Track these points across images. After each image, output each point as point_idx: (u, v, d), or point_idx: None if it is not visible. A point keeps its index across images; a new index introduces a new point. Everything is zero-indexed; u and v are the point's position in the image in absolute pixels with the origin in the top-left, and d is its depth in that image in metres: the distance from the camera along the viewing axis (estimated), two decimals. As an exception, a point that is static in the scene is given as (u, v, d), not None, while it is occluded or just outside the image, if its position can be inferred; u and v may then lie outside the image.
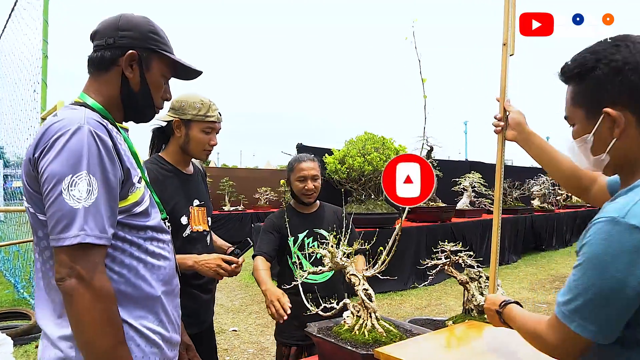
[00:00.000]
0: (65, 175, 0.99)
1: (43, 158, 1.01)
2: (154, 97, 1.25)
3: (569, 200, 11.77)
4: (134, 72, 1.20)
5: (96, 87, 1.20)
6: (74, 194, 0.98)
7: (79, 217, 0.98)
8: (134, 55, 1.18)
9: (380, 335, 1.55)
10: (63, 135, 1.01)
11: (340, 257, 1.76)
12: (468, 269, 2.05)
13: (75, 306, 0.98)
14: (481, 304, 1.92)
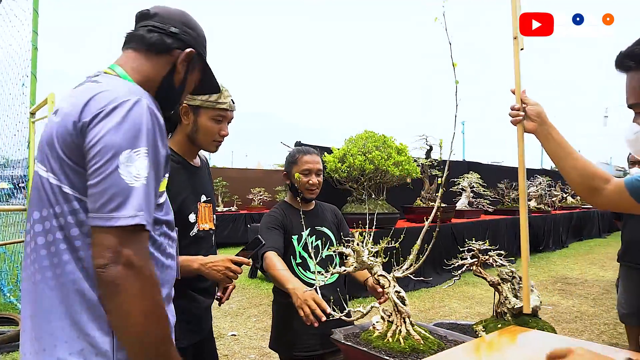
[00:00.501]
0: (123, 149, 0.90)
1: (97, 125, 0.91)
2: (183, 98, 1.25)
3: (564, 201, 11.76)
4: (182, 70, 1.17)
5: (137, 65, 1.11)
6: (130, 170, 0.89)
7: (136, 196, 0.89)
8: (193, 54, 1.16)
9: (417, 342, 1.40)
10: (122, 105, 0.92)
11: (367, 256, 1.61)
12: (499, 269, 1.90)
13: (123, 296, 0.86)
14: (516, 306, 1.78)
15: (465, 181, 8.18)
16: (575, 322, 4.57)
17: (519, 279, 1.85)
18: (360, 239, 1.62)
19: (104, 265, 0.86)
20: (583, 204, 12.34)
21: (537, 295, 1.81)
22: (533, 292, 1.82)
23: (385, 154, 5.86)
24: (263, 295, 5.88)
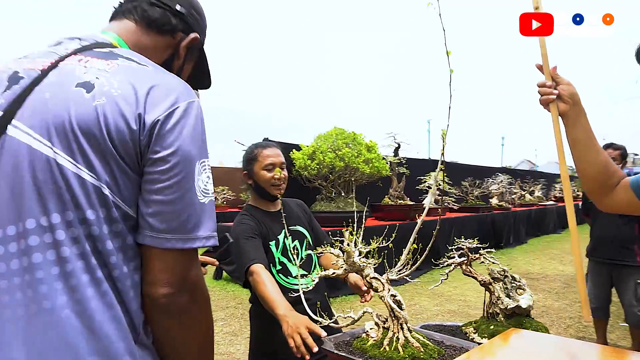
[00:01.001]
0: (196, 160, 0.77)
1: (175, 128, 0.75)
2: None
3: (523, 199, 12.14)
4: (181, 57, 1.03)
5: (137, 41, 0.95)
6: (199, 184, 0.77)
7: (208, 214, 0.79)
8: (197, 40, 1.02)
9: (418, 350, 1.28)
10: (192, 106, 0.79)
11: (357, 257, 1.48)
12: (491, 268, 1.83)
13: (190, 322, 0.79)
14: (509, 307, 1.70)
15: (432, 179, 8.25)
16: (542, 317, 4.64)
17: (511, 278, 1.77)
18: (350, 239, 1.49)
19: (168, 294, 0.75)
20: (540, 201, 12.79)
21: (529, 294, 1.75)
22: (525, 290, 1.75)
23: (356, 151, 5.78)
24: (229, 297, 5.66)
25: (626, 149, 3.62)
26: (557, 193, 15.27)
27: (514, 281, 1.77)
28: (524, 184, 12.88)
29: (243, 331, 4.29)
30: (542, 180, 14.18)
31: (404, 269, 1.49)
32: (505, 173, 11.57)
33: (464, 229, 8.06)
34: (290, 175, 6.64)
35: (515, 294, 1.74)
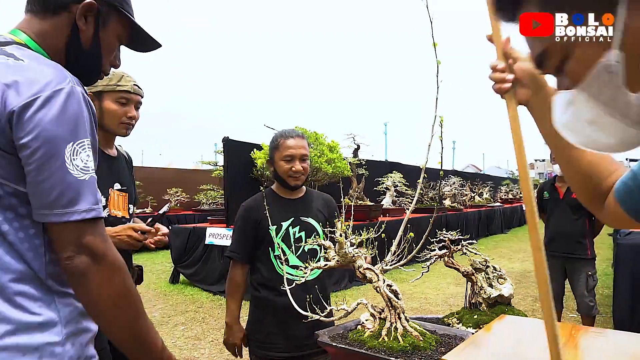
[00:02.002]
0: (67, 142, 0.86)
1: (34, 116, 0.84)
2: (104, 60, 1.09)
3: (473, 200, 12.65)
4: (88, 25, 1.02)
5: (38, 29, 0.99)
6: (77, 163, 0.88)
7: (88, 190, 0.89)
8: (93, 5, 1.01)
9: (417, 339, 1.27)
10: (59, 93, 0.86)
11: (349, 248, 1.45)
12: (472, 259, 1.86)
13: (91, 284, 0.90)
14: (492, 296, 1.74)
15: (389, 180, 8.41)
16: (498, 311, 4.85)
17: (492, 268, 1.82)
18: (343, 230, 1.47)
19: (68, 258, 0.87)
20: (488, 203, 13.38)
21: (510, 284, 1.80)
22: (506, 280, 1.80)
23: (318, 151, 5.77)
24: (188, 301, 5.46)
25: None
26: (503, 195, 16.07)
27: (495, 271, 1.82)
28: (473, 186, 13.43)
29: (206, 335, 4.14)
30: (489, 183, 14.85)
31: (395, 260, 1.48)
32: (456, 175, 12.01)
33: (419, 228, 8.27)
34: (251, 175, 6.52)
35: (497, 283, 1.78)
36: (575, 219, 3.72)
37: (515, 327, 1.34)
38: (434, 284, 6.37)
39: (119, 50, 1.14)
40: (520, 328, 1.34)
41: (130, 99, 1.73)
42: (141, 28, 1.13)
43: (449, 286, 6.21)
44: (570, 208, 3.75)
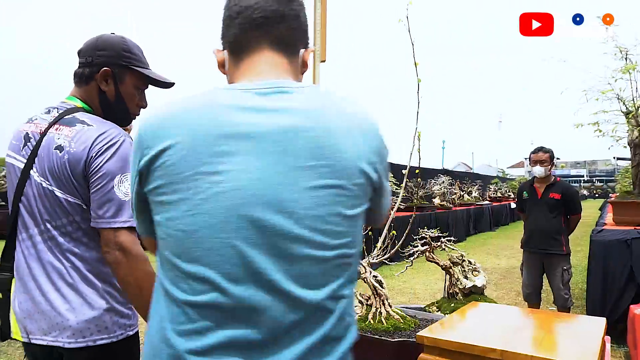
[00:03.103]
0: (117, 174, 1.26)
1: (99, 157, 1.26)
2: (129, 106, 1.47)
3: (462, 199, 12.93)
4: (109, 85, 1.42)
5: (82, 95, 1.43)
6: (121, 188, 1.27)
7: (127, 207, 1.25)
8: (108, 72, 1.40)
9: (398, 322, 1.49)
10: (116, 144, 1.29)
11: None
12: (450, 254, 2.09)
13: (121, 271, 1.23)
14: (467, 286, 1.97)
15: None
16: (483, 305, 5.11)
17: (468, 262, 2.05)
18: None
19: (106, 252, 1.23)
20: (477, 201, 13.69)
21: (483, 276, 2.02)
22: (480, 272, 2.03)
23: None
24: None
25: (554, 152, 4.10)
26: (492, 193, 16.41)
27: (470, 264, 2.05)
28: (462, 184, 13.73)
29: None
30: (478, 182, 15.17)
31: (381, 254, 1.70)
32: (446, 174, 12.28)
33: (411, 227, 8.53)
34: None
35: (472, 275, 2.01)
36: (552, 217, 3.96)
37: (483, 311, 1.57)
38: (422, 280, 6.62)
39: (143, 94, 1.50)
40: (487, 312, 1.57)
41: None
42: (151, 76, 1.46)
43: (437, 282, 6.46)
44: (547, 207, 3.99)
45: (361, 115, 0.84)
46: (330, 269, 0.79)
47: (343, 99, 0.85)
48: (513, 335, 1.25)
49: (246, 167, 0.76)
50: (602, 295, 3.64)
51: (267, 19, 0.88)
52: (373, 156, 0.82)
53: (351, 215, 0.79)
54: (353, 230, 0.81)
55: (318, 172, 0.76)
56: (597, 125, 4.57)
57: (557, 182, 4.05)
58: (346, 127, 0.80)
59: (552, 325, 1.31)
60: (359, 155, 0.80)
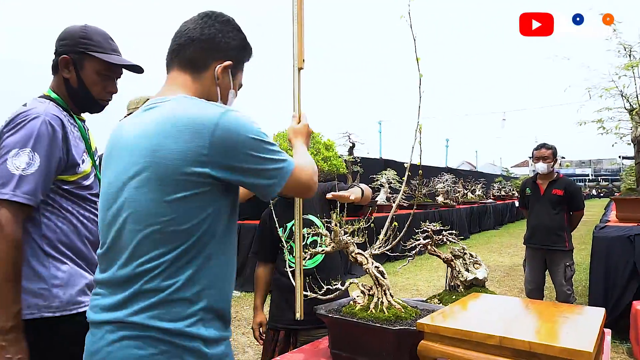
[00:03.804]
0: (14, 148, 1.32)
1: (7, 132, 1.35)
2: (92, 91, 1.52)
3: (465, 197, 12.93)
4: (71, 72, 1.49)
5: (54, 85, 1.53)
6: (15, 162, 1.30)
7: (14, 181, 1.28)
8: (67, 59, 1.49)
9: (399, 311, 1.51)
10: (25, 120, 1.35)
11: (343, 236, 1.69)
12: (452, 247, 2.11)
13: None
14: (468, 279, 1.99)
15: (384, 177, 8.65)
16: (485, 302, 5.12)
17: (469, 255, 2.06)
18: (337, 220, 1.70)
19: None
20: (481, 200, 13.67)
21: (484, 269, 2.04)
22: (481, 265, 2.05)
23: (314, 149, 6.00)
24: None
25: (557, 149, 4.11)
26: (495, 192, 16.37)
27: (471, 257, 2.06)
28: (466, 183, 13.71)
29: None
30: (482, 180, 15.14)
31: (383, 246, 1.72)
32: (450, 173, 12.27)
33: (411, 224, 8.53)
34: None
35: (473, 268, 2.03)
36: (555, 214, 3.97)
37: (483, 301, 1.59)
38: (425, 277, 6.64)
39: (109, 80, 1.55)
40: (487, 302, 1.58)
41: None
42: (110, 61, 1.51)
43: (440, 278, 6.47)
44: (550, 203, 4.00)
45: (195, 117, 0.99)
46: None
47: (185, 107, 1.02)
48: (512, 323, 1.27)
49: (110, 172, 1.08)
50: (605, 292, 3.65)
51: (180, 45, 1.14)
52: (204, 151, 0.97)
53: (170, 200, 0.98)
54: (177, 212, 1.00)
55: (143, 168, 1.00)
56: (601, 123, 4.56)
57: (560, 178, 4.06)
58: (176, 130, 0.97)
59: (550, 315, 1.33)
60: (185, 153, 0.97)
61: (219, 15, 1.18)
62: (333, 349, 1.55)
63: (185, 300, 1.00)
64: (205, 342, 1.02)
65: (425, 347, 1.24)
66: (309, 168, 1.18)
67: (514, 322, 1.31)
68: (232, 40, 1.17)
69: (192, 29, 1.14)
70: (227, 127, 0.99)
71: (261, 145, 1.03)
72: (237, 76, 1.21)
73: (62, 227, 1.43)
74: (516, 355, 1.09)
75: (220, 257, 1.07)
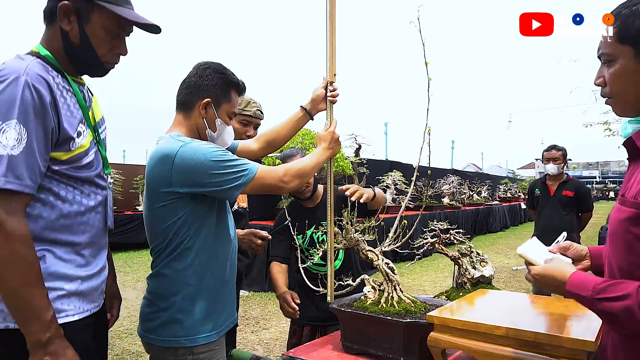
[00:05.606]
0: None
1: None
2: (98, 52, 1.22)
3: (471, 199, 12.93)
4: (73, 24, 1.17)
5: (45, 39, 1.21)
6: (0, 140, 1.01)
7: (3, 164, 1.01)
8: (67, 6, 1.15)
9: (409, 306, 1.57)
10: (1, 84, 1.04)
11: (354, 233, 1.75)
12: (459, 245, 2.16)
13: None
14: (475, 276, 2.04)
15: (390, 179, 8.69)
16: (492, 302, 5.15)
17: (476, 253, 2.11)
18: (349, 218, 1.76)
19: None
20: (487, 201, 13.67)
21: (491, 267, 2.09)
22: (488, 263, 2.10)
23: (322, 150, 6.06)
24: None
25: (567, 151, 4.13)
26: (501, 194, 16.35)
27: (478, 255, 2.11)
28: (472, 184, 13.72)
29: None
30: (487, 182, 15.14)
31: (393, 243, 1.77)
32: (456, 174, 12.29)
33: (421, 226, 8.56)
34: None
35: (479, 265, 2.08)
36: (565, 215, 4.01)
37: (489, 297, 1.64)
38: (431, 277, 6.67)
39: (120, 40, 1.25)
40: (493, 297, 1.64)
41: (251, 122, 2.17)
42: (124, 16, 1.19)
43: (445, 279, 6.50)
44: (560, 204, 4.03)
45: (164, 151, 1.36)
46: None
47: (163, 144, 1.40)
48: (518, 316, 1.32)
49: None
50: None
51: (178, 92, 1.52)
52: (171, 174, 1.35)
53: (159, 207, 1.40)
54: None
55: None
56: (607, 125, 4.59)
57: (570, 180, 4.09)
58: (155, 161, 1.38)
59: (555, 308, 1.38)
60: (158, 176, 1.37)
61: (203, 64, 1.51)
62: (345, 342, 1.61)
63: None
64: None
65: (435, 339, 1.29)
66: (280, 171, 1.48)
67: (520, 315, 1.36)
68: (211, 81, 1.48)
69: (183, 81, 1.52)
70: (183, 156, 1.34)
71: (215, 163, 1.34)
72: (222, 107, 1.51)
73: (46, 218, 1.14)
74: (522, 346, 1.15)
75: (206, 248, 1.43)
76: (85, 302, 1.21)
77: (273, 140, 1.87)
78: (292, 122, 1.85)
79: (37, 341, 1.03)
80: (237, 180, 1.37)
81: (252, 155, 1.83)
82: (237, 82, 1.54)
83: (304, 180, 1.58)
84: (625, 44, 0.96)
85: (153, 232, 1.44)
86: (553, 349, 1.10)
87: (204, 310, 1.41)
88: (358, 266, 2.26)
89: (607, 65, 1.01)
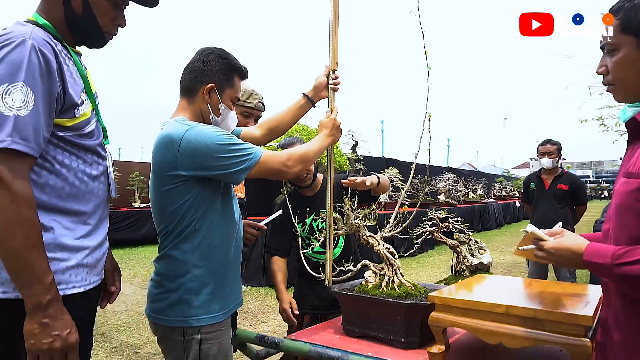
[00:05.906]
0: (1, 83, 1.01)
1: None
2: (100, 22, 1.23)
3: (467, 196, 13.00)
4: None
5: (44, 7, 1.20)
6: (7, 101, 1.01)
7: (9, 124, 1.00)
8: None
9: (410, 289, 1.59)
10: (6, 47, 1.04)
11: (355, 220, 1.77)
12: (458, 233, 2.18)
13: None
14: (473, 264, 2.06)
15: (386, 176, 8.73)
16: (488, 296, 5.19)
17: (474, 241, 2.14)
18: (350, 205, 1.78)
19: None
20: (482, 199, 13.74)
21: (489, 254, 2.12)
22: (486, 251, 2.12)
23: (319, 146, 6.08)
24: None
25: (561, 145, 4.18)
26: (496, 192, 16.45)
27: (476, 243, 2.14)
28: (467, 182, 13.79)
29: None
30: (483, 180, 15.22)
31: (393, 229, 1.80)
32: (451, 172, 12.35)
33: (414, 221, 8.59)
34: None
35: (478, 253, 2.11)
36: (560, 208, 4.06)
37: (487, 281, 1.66)
38: (428, 273, 6.71)
39: (120, 11, 1.27)
40: (492, 281, 1.66)
41: (252, 114, 2.14)
42: None
43: (442, 275, 6.54)
44: (555, 198, 4.08)
45: (170, 135, 1.38)
46: None
47: (168, 128, 1.41)
48: (517, 295, 1.35)
49: None
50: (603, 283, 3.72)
51: (181, 79, 1.54)
52: (177, 157, 1.37)
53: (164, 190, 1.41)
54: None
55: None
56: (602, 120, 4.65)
57: (565, 173, 4.14)
58: (161, 145, 1.40)
59: (554, 289, 1.41)
60: (165, 160, 1.39)
61: (206, 50, 1.53)
62: (347, 325, 1.63)
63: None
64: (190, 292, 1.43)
65: (436, 318, 1.32)
66: (284, 156, 1.50)
67: (519, 294, 1.39)
68: (214, 67, 1.50)
69: (187, 66, 1.53)
70: (189, 139, 1.36)
71: (221, 147, 1.37)
72: (225, 93, 1.53)
73: (53, 186, 1.14)
74: (522, 323, 1.17)
75: (213, 230, 1.46)
76: (90, 274, 1.22)
77: (275, 127, 1.88)
78: (294, 109, 1.87)
79: (37, 303, 1.03)
80: (243, 164, 1.40)
81: (255, 142, 1.84)
82: (240, 67, 1.56)
83: (306, 165, 1.59)
84: (628, 34, 1.04)
85: (160, 215, 1.46)
86: (552, 325, 1.13)
87: (212, 291, 1.43)
88: (357, 254, 2.27)
89: (610, 54, 1.10)
